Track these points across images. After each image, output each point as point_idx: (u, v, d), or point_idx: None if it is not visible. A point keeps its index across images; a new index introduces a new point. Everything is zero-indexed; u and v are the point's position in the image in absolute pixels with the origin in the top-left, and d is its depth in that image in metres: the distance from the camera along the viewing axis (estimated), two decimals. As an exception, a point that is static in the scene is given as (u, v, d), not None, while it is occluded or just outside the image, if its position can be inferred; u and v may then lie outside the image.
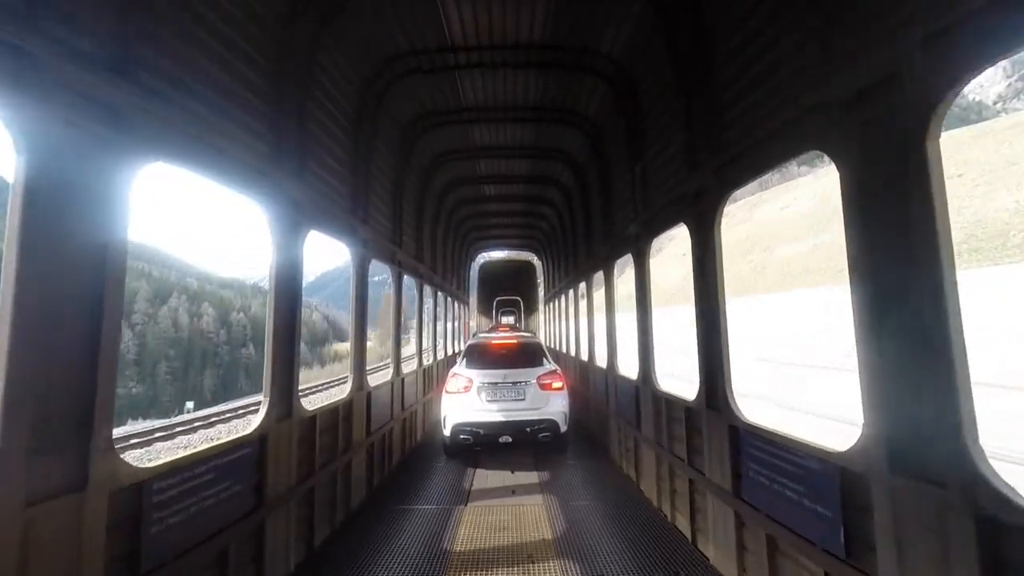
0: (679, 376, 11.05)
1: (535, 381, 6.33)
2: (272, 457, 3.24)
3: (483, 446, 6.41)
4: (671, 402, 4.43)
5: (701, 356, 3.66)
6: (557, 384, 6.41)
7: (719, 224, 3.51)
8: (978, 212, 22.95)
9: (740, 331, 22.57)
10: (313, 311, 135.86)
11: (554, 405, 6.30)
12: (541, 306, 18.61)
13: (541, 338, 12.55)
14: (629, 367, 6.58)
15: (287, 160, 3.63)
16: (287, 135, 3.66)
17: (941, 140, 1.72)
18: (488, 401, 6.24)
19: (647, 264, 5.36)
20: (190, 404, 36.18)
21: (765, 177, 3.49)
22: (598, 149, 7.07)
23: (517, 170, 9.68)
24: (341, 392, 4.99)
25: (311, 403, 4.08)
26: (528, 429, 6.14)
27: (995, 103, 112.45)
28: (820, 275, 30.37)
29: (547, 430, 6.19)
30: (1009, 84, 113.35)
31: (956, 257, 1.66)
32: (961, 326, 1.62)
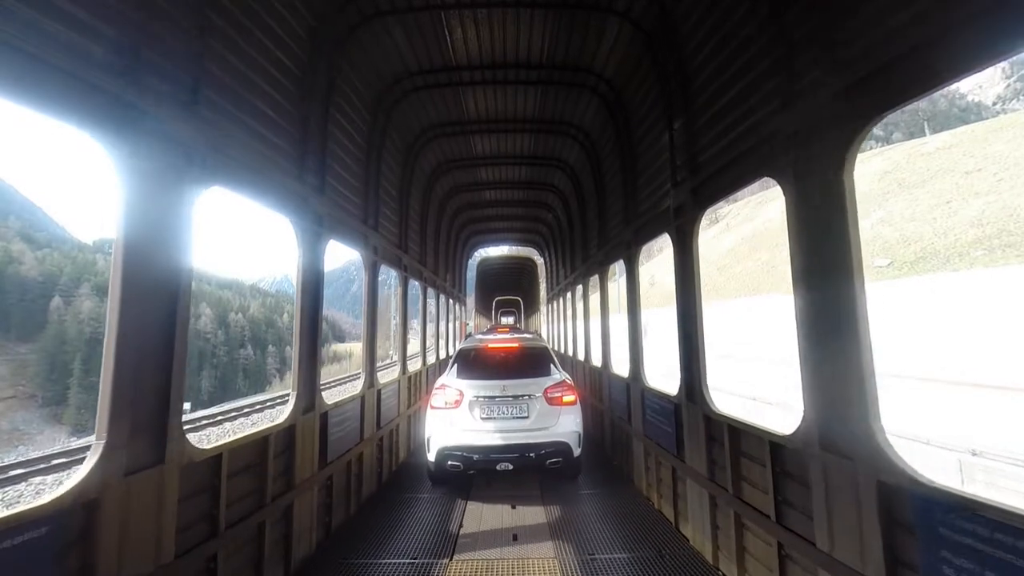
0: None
1: (541, 395, 5.09)
2: (113, 528, 2.00)
3: (477, 472, 5.22)
4: (738, 431, 3.19)
5: (806, 368, 2.44)
6: (569, 398, 5.16)
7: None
8: (1008, 205, 21.71)
9: (756, 331, 21.42)
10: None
11: (565, 424, 5.07)
12: (543, 307, 17.45)
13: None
14: (652, 375, 5.41)
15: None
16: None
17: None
18: (483, 419, 5.02)
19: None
20: (187, 405, 35.18)
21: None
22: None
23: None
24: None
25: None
26: (533, 454, 4.90)
27: (994, 104, 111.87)
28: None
29: (557, 455, 4.96)
30: (1008, 85, 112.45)
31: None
32: None
